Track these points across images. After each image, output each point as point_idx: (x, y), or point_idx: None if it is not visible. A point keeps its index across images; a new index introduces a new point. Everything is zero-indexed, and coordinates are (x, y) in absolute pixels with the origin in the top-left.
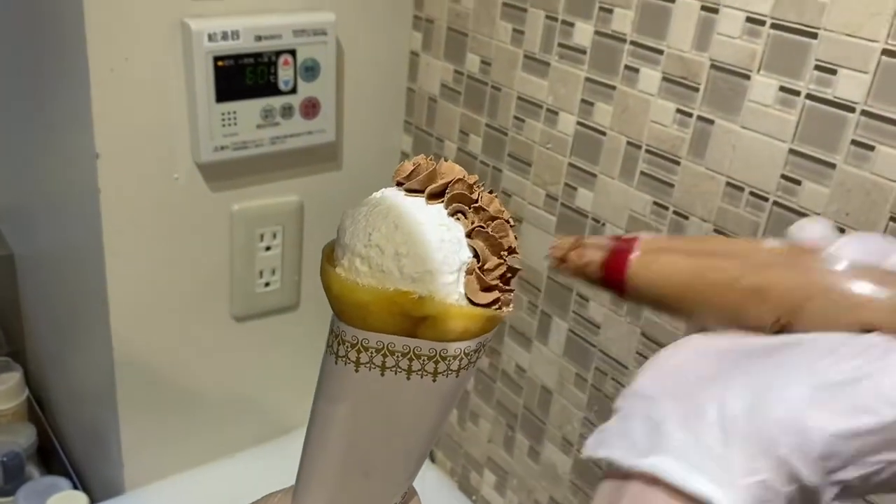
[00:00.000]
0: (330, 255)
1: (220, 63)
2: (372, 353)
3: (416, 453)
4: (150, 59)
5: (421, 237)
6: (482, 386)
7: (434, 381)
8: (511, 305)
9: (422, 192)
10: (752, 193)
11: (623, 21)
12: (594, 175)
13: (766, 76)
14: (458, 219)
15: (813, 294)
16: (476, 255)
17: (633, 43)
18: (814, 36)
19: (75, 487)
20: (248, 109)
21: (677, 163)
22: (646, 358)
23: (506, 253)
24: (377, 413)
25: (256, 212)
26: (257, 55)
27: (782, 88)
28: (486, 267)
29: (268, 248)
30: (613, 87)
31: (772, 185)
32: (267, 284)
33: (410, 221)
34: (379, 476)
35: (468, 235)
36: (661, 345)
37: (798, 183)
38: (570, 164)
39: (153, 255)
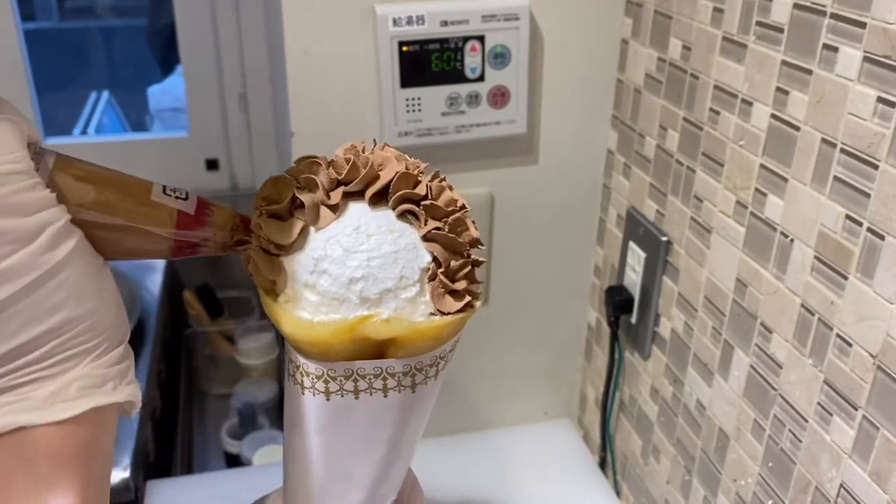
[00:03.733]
0: (266, 281)
1: (404, 48)
2: (341, 380)
3: (404, 455)
4: (341, 43)
5: (373, 254)
6: (664, 418)
7: (413, 391)
8: (481, 297)
9: (362, 193)
10: None
11: None
12: (785, 179)
13: None
14: (409, 221)
15: None
16: (435, 258)
17: (833, 16)
18: None
19: None
20: (433, 96)
21: (875, 166)
22: (827, 412)
23: (468, 248)
24: (358, 433)
25: None
26: (443, 41)
27: None
28: (450, 268)
29: None
30: (810, 72)
31: None
32: None
33: (358, 238)
34: (367, 484)
35: (424, 238)
36: (843, 396)
37: None
38: (762, 166)
39: None
